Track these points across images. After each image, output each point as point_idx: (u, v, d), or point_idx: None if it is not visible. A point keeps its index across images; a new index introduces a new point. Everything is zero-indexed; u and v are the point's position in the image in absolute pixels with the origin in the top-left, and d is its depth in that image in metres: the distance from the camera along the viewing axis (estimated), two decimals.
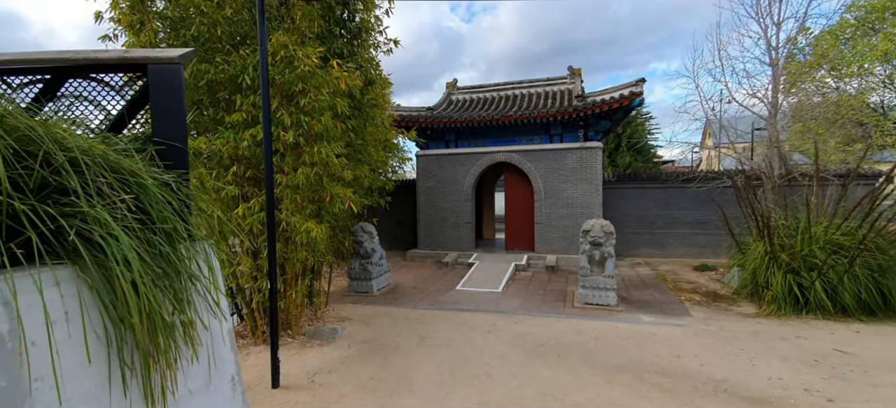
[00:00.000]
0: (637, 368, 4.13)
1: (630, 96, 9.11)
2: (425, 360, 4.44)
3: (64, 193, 1.43)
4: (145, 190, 1.68)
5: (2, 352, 1.20)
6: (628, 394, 3.58)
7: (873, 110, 15.23)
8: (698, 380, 3.82)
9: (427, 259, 11.49)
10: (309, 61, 3.97)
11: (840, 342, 4.67)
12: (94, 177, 1.50)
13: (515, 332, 5.33)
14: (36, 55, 2.25)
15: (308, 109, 4.12)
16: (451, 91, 13.40)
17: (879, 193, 5.66)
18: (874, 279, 5.41)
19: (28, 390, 1.24)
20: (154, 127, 2.09)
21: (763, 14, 7.99)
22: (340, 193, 4.58)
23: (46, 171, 1.39)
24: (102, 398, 1.45)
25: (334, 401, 3.56)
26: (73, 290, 1.41)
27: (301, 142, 4.19)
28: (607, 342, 4.88)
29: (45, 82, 2.20)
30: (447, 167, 11.63)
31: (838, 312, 5.51)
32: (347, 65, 4.51)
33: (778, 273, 5.91)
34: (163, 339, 1.61)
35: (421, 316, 6.18)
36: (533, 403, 3.46)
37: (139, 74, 2.17)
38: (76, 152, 1.47)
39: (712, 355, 4.43)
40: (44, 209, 1.33)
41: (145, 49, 2.35)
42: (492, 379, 3.94)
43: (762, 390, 3.58)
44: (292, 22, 4.50)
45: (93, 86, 2.17)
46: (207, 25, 4.09)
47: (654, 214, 11.34)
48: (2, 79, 2.15)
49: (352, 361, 4.48)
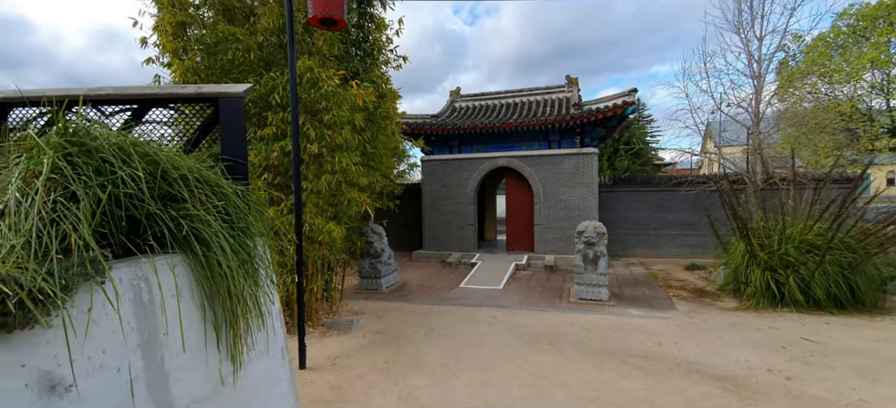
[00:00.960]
0: (622, 353, 4.60)
1: (623, 105, 9.59)
2: (433, 347, 4.93)
3: (176, 200, 1.95)
4: (227, 197, 2.19)
5: (147, 312, 1.72)
6: (612, 374, 4.05)
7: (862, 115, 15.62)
8: (674, 363, 4.29)
9: (432, 259, 11.98)
10: (332, 82, 4.48)
11: (808, 332, 5.13)
12: (196, 188, 2.01)
13: (514, 324, 5.81)
14: (127, 90, 2.78)
15: (330, 123, 4.63)
16: (455, 99, 13.92)
17: (849, 197, 6.11)
18: (844, 275, 5.86)
19: (162, 339, 1.75)
20: (223, 146, 2.60)
21: (745, 29, 8.47)
22: (357, 198, 5.09)
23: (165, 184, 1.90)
24: (203, 350, 1.95)
25: (355, 379, 4.05)
26: (184, 271, 1.92)
27: (324, 152, 4.70)
28: (597, 333, 5.35)
29: (133, 111, 2.72)
30: (451, 172, 12.13)
31: (811, 305, 5.96)
32: (364, 84, 5.03)
33: (757, 270, 6.36)
34: (242, 310, 2.12)
35: (428, 310, 6.66)
36: (528, 382, 3.94)
37: (210, 105, 2.68)
38: (184, 170, 1.99)
39: (691, 343, 4.89)
40: (168, 212, 1.84)
41: (216, 85, 2.80)
42: (492, 363, 4.42)
43: (729, 371, 4.05)
44: (314, 46, 5.02)
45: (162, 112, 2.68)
46: (242, 51, 4.61)
47: (648, 216, 11.79)
48: (98, 108, 2.68)
49: (367, 348, 4.97)
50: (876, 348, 4.56)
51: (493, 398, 3.59)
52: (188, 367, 1.88)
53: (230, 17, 5.01)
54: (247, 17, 5.21)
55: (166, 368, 1.79)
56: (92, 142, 1.76)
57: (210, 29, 4.63)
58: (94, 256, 1.49)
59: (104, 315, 1.50)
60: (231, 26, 4.59)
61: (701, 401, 3.45)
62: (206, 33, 4.65)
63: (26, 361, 1.28)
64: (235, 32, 4.52)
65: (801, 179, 7.35)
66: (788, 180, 7.25)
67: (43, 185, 1.51)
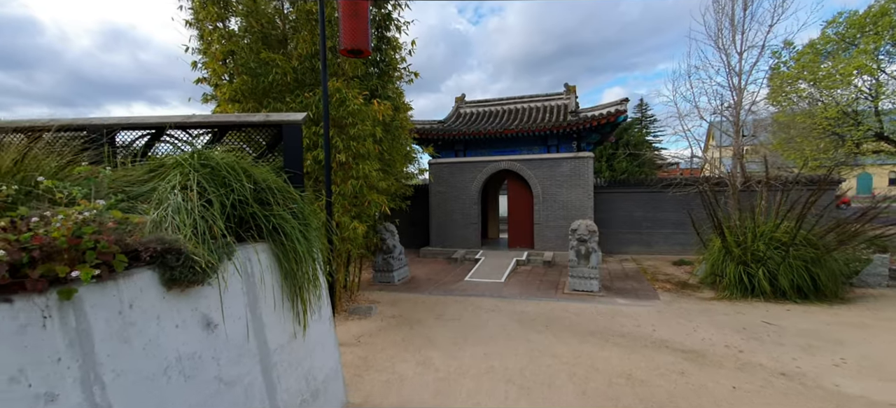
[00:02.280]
0: (605, 333, 5.30)
1: (616, 113, 10.26)
2: (442, 328, 5.65)
3: (265, 203, 2.68)
4: (296, 201, 2.92)
5: (251, 282, 2.46)
6: (594, 348, 4.75)
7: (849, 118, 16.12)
8: (648, 340, 4.98)
9: (438, 256, 12.71)
10: (357, 101, 5.22)
11: (770, 317, 5.80)
12: (277, 194, 2.74)
13: (514, 311, 6.52)
14: (211, 117, 3.54)
15: (355, 135, 5.36)
16: (459, 105, 14.63)
17: (810, 199, 6.75)
18: (807, 269, 6.51)
19: (260, 302, 2.48)
20: (285, 161, 3.34)
21: (726, 44, 9.11)
22: (376, 199, 5.82)
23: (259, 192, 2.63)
24: (281, 312, 2.68)
25: (378, 351, 4.79)
26: (268, 255, 2.65)
27: (350, 161, 5.43)
28: (586, 317, 6.06)
29: (213, 134, 3.45)
30: (456, 174, 12.85)
31: (778, 296, 6.61)
32: (383, 101, 5.76)
33: (731, 264, 7.03)
34: (306, 285, 2.86)
35: (436, 300, 7.39)
36: (523, 353, 4.66)
37: (275, 129, 3.41)
38: (270, 181, 2.72)
39: (665, 325, 5.58)
40: (263, 212, 2.58)
41: (281, 113, 3.47)
42: (493, 340, 5.13)
43: (693, 346, 4.74)
44: (341, 68, 5.75)
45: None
46: (280, 73, 5.35)
47: (640, 216, 12.44)
48: (187, 131, 3.43)
49: (386, 329, 5.70)
50: (825, 329, 5.23)
51: (494, 364, 4.31)
52: (274, 323, 2.63)
53: (267, 43, 5.76)
54: (280, 42, 5.95)
55: (263, 321, 2.54)
56: (214, 163, 2.51)
57: (253, 55, 5.37)
58: (228, 241, 2.24)
59: (232, 282, 2.24)
60: (271, 53, 5.33)
61: (664, 367, 4.15)
62: (250, 59, 5.38)
63: (197, 307, 2.03)
64: (275, 59, 5.27)
65: (774, 182, 7.99)
66: (762, 183, 7.89)
67: (195, 193, 2.25)
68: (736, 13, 9.01)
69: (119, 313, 1.63)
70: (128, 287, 1.68)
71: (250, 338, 2.39)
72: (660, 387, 3.72)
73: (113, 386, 1.57)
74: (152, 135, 3.42)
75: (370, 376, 4.12)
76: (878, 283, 7.20)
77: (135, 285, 1.72)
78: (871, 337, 4.89)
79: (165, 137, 3.42)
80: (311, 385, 2.98)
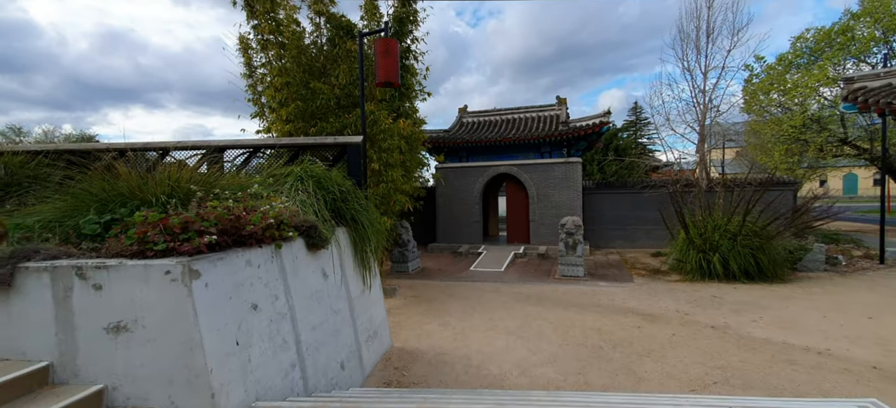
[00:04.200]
0: (585, 305, 6.55)
1: (599, 124, 11.54)
2: (455, 303, 6.89)
3: (345, 200, 3.91)
4: (360, 199, 4.16)
5: (339, 251, 3.72)
6: (575, 314, 5.99)
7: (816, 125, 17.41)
8: (618, 309, 6.23)
9: (445, 251, 13.94)
10: (387, 121, 6.46)
11: (718, 293, 7.05)
12: (352, 193, 3.98)
13: (512, 291, 7.76)
14: (295, 140, 4.77)
15: (385, 148, 6.61)
16: (463, 115, 15.89)
17: (753, 197, 8.01)
18: (752, 255, 7.77)
19: (344, 265, 3.73)
20: (348, 170, 4.58)
21: (691, 67, 10.40)
22: (400, 199, 7.06)
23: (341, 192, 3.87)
24: (354, 274, 3.92)
25: (406, 318, 6.02)
26: (346, 236, 3.90)
27: (381, 168, 6.67)
28: (571, 295, 7.30)
29: (292, 153, 4.68)
30: (460, 177, 14.09)
31: (730, 277, 7.86)
32: (405, 119, 7.01)
33: (693, 252, 8.29)
34: (372, 257, 4.11)
35: (447, 285, 8.62)
36: (519, 317, 5.89)
37: (341, 147, 4.65)
38: (347, 186, 3.97)
39: (634, 299, 6.83)
40: (346, 205, 3.84)
41: (347, 136, 4.70)
42: (496, 310, 6.37)
43: (652, 311, 5.99)
44: (372, 94, 7.00)
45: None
46: (325, 99, 6.60)
47: (625, 214, 13.69)
48: (275, 149, 4.65)
49: (409, 304, 6.93)
50: (756, 300, 6.48)
51: (497, 324, 5.55)
52: (352, 280, 3.87)
53: (311, 74, 7.01)
54: (322, 72, 7.20)
55: (347, 278, 3.78)
56: (316, 174, 3.76)
57: (303, 86, 6.62)
58: (333, 225, 3.48)
59: (332, 250, 3.46)
60: (319, 82, 6.59)
61: (627, 324, 5.39)
62: (301, 88, 6.62)
63: (319, 263, 3.28)
64: (322, 87, 6.52)
65: (731, 183, 9.26)
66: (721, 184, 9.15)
67: (313, 192, 3.49)
68: (701, 40, 10.31)
69: (293, 259, 2.88)
70: (295, 246, 2.93)
71: (342, 287, 3.64)
72: (620, 335, 4.97)
73: (294, 297, 2.81)
74: (251, 152, 4.66)
75: (404, 332, 5.36)
76: (816, 267, 8.47)
77: (297, 246, 2.96)
78: (790, 305, 6.15)
79: (259, 153, 4.66)
80: (371, 327, 4.22)
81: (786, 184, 11.88)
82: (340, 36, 7.15)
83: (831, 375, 3.76)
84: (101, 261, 1.98)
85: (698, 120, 10.41)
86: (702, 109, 10.34)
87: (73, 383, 1.97)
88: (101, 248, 2.20)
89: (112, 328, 1.95)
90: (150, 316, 1.94)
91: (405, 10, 7.70)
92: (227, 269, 2.18)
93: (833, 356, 4.16)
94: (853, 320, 5.27)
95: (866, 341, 4.53)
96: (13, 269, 1.96)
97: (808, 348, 4.40)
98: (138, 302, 1.94)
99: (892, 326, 5.01)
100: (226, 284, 2.15)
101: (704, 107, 10.32)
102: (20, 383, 1.89)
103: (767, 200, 8.55)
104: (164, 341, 1.93)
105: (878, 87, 5.07)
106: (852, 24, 17.39)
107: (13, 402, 1.86)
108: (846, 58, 17.53)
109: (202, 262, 2.02)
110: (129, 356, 1.95)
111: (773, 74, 17.89)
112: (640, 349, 4.50)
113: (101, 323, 1.95)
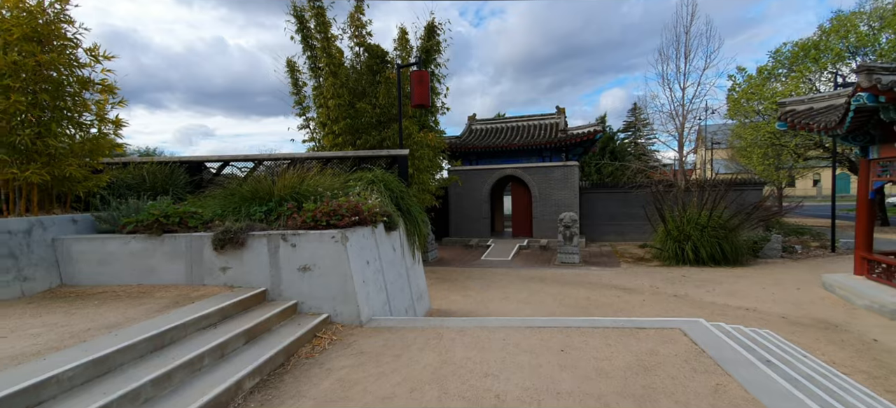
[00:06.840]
0: (579, 282, 7.93)
1: (593, 132, 12.90)
2: (473, 282, 8.29)
3: (402, 198, 5.35)
4: (409, 196, 5.60)
5: (401, 234, 5.17)
6: (571, 289, 7.38)
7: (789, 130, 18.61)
8: (605, 285, 7.61)
9: (457, 244, 15.34)
10: (420, 135, 7.87)
11: (687, 274, 8.41)
12: (404, 192, 5.41)
13: (519, 274, 9.16)
14: (354, 152, 6.19)
15: (418, 156, 8.01)
16: (472, 123, 17.28)
17: (718, 195, 9.35)
18: (718, 243, 9.12)
19: (403, 244, 5.17)
20: (399, 175, 5.98)
21: (671, 83, 11.75)
22: (428, 198, 8.47)
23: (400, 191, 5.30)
24: (409, 251, 5.35)
25: (435, 293, 7.42)
26: (403, 226, 5.33)
27: (414, 173, 8.07)
28: (567, 276, 8.69)
29: (352, 164, 6.09)
30: (471, 178, 15.48)
31: (700, 263, 9.22)
32: (431, 132, 8.42)
33: (670, 242, 9.65)
34: (418, 241, 5.53)
35: (463, 270, 10.03)
36: (527, 290, 7.29)
37: (392, 158, 6.06)
38: (401, 187, 5.41)
39: (618, 279, 8.21)
40: (402, 203, 5.28)
41: (396, 149, 6.12)
42: (506, 287, 7.77)
43: (631, 286, 7.37)
44: (406, 113, 8.40)
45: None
46: (367, 117, 8.01)
47: (617, 211, 15.04)
48: (339, 160, 6.08)
49: (433, 284, 8.33)
50: (716, 278, 7.84)
51: (509, 295, 6.95)
52: (407, 255, 5.28)
53: (355, 95, 8.43)
54: (363, 93, 8.62)
55: (404, 253, 5.20)
56: (383, 178, 5.19)
57: (350, 108, 8.04)
58: (399, 214, 4.92)
59: (398, 232, 4.89)
60: (362, 103, 8.01)
61: (610, 294, 6.78)
62: (350, 109, 8.04)
63: (391, 241, 4.73)
64: (367, 107, 7.94)
65: (704, 183, 10.61)
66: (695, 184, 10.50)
67: (383, 191, 4.93)
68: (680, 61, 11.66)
69: (379, 235, 4.29)
70: (379, 228, 4.34)
71: (403, 258, 5.05)
72: (603, 301, 6.36)
73: (383, 262, 4.22)
74: (323, 163, 6.07)
75: (435, 302, 6.77)
76: (774, 255, 9.81)
77: (379, 227, 4.37)
78: (740, 281, 7.51)
79: (329, 164, 6.08)
80: (419, 290, 5.63)
81: (755, 184, 13.18)
82: (377, 63, 8.57)
83: (750, 322, 5.13)
84: (295, 231, 3.40)
85: (677, 129, 11.77)
86: (681, 119, 11.68)
87: (278, 300, 3.40)
88: (263, 223, 3.64)
89: (301, 268, 3.37)
90: (321, 262, 3.35)
91: (430, 43, 9.13)
92: (357, 237, 3.60)
93: (757, 311, 5.54)
94: (784, 291, 6.63)
95: (786, 303, 5.90)
96: (246, 236, 3.38)
97: (740, 306, 5.78)
98: (316, 253, 3.35)
99: (811, 294, 6.38)
100: (357, 245, 3.56)
101: (683, 117, 11.66)
102: (251, 300, 3.31)
103: (732, 198, 9.91)
104: (331, 276, 3.35)
105: (801, 110, 6.36)
106: (823, 39, 18.62)
107: (249, 309, 3.28)
108: (819, 70, 18.75)
109: (348, 231, 3.44)
110: (311, 285, 3.37)
111: (753, 84, 19.17)
112: (616, 309, 5.89)
113: (295, 266, 3.37)
